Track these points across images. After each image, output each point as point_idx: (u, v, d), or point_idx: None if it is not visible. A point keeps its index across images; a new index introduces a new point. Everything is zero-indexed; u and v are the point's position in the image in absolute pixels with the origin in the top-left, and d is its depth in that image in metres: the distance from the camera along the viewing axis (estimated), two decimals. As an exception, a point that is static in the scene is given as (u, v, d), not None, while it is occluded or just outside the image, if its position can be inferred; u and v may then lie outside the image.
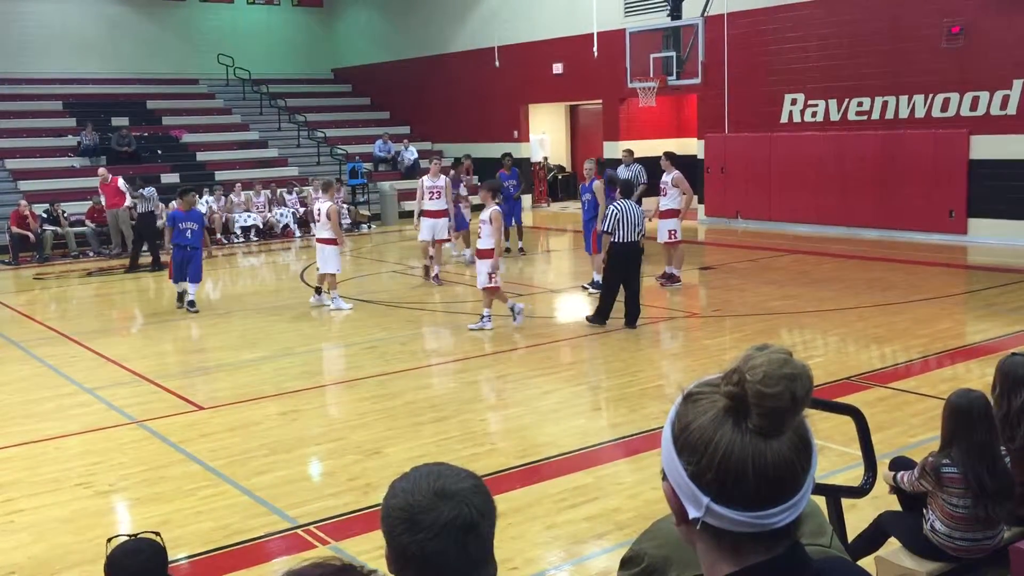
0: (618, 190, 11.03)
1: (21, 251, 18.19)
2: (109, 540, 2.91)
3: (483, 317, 10.58)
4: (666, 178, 13.06)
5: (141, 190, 17.20)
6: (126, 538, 2.67)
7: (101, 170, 18.40)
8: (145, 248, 16.87)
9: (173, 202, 19.75)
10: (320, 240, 12.14)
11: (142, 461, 6.80)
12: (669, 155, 13.47)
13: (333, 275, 12.12)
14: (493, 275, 10.37)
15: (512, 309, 10.74)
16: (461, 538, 1.54)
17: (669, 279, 12.98)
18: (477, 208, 16.19)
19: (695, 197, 12.96)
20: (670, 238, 12.98)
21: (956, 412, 3.95)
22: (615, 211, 10.31)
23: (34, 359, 10.13)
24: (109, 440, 7.30)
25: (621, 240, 10.28)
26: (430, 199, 14.03)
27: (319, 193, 12.60)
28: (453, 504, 1.55)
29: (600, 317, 10.57)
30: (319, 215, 12.09)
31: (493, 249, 10.36)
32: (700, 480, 1.25)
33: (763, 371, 1.23)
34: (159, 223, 19.39)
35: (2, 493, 6.26)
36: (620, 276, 10.42)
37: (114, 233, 18.63)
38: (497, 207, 10.48)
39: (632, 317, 10.49)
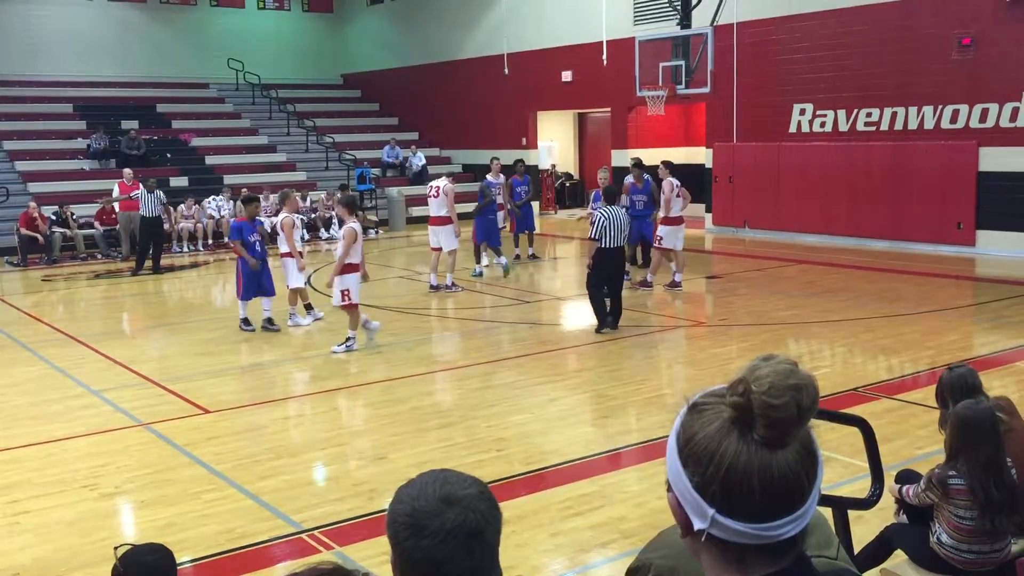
0: (602, 197, 11.20)
1: (30, 253, 18.26)
2: (116, 548, 2.92)
3: (348, 339, 10.17)
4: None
5: (138, 191, 17.09)
6: (130, 546, 2.72)
7: (127, 171, 18.42)
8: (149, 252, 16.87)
9: (185, 207, 19.86)
10: (283, 255, 11.45)
11: (148, 464, 6.81)
12: (666, 164, 13.88)
13: (298, 289, 11.54)
14: (346, 293, 10.00)
15: (366, 326, 10.29)
16: (466, 544, 1.54)
17: (671, 285, 13.24)
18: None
19: (669, 203, 13.20)
20: (654, 243, 13.41)
21: (963, 424, 3.93)
22: (602, 218, 10.57)
23: (42, 361, 10.16)
24: (115, 442, 7.31)
25: (607, 246, 10.57)
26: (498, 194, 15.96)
27: (278, 205, 11.70)
28: (459, 510, 1.55)
29: (602, 324, 10.78)
30: (281, 230, 11.36)
31: (356, 265, 10.05)
32: (705, 491, 1.25)
33: (769, 382, 1.23)
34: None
35: (8, 494, 6.28)
36: (604, 280, 10.74)
37: (125, 235, 18.68)
38: (354, 224, 10.09)
39: (615, 318, 10.81)
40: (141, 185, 18.09)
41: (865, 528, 4.56)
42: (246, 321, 11.22)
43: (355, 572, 1.41)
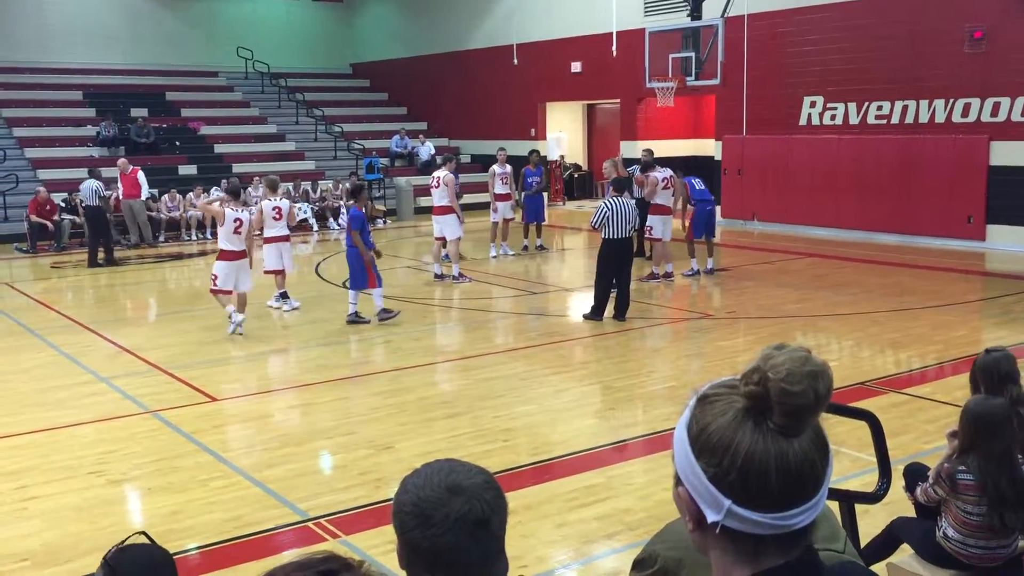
0: (611, 187, 11.23)
1: (39, 239, 18.30)
2: (123, 540, 2.69)
3: (229, 317, 10.55)
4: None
5: (91, 184, 16.47)
6: (135, 539, 2.52)
7: (121, 160, 18.52)
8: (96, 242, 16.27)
9: (194, 195, 19.88)
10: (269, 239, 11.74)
11: (155, 451, 6.83)
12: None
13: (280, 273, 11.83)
14: (214, 278, 10.48)
15: (230, 317, 10.53)
16: (472, 533, 1.54)
17: (649, 276, 13.36)
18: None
19: (654, 194, 13.41)
20: (646, 234, 13.56)
21: (976, 420, 3.90)
22: (604, 208, 10.59)
23: (50, 347, 10.19)
24: (123, 429, 7.34)
25: (612, 236, 10.58)
26: (502, 184, 16.08)
27: (260, 192, 12.08)
28: (464, 499, 1.54)
29: (596, 312, 10.84)
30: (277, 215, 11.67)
31: (229, 252, 10.42)
32: (721, 482, 1.23)
33: (786, 369, 1.22)
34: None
35: (16, 480, 6.31)
36: (612, 270, 10.74)
37: (129, 224, 18.74)
38: (227, 210, 10.44)
39: (622, 310, 10.83)
40: (140, 171, 18.12)
41: (871, 522, 4.55)
42: (358, 315, 10.89)
43: (351, 561, 1.39)
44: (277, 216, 11.72)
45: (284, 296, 11.91)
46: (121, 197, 18.54)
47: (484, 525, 1.54)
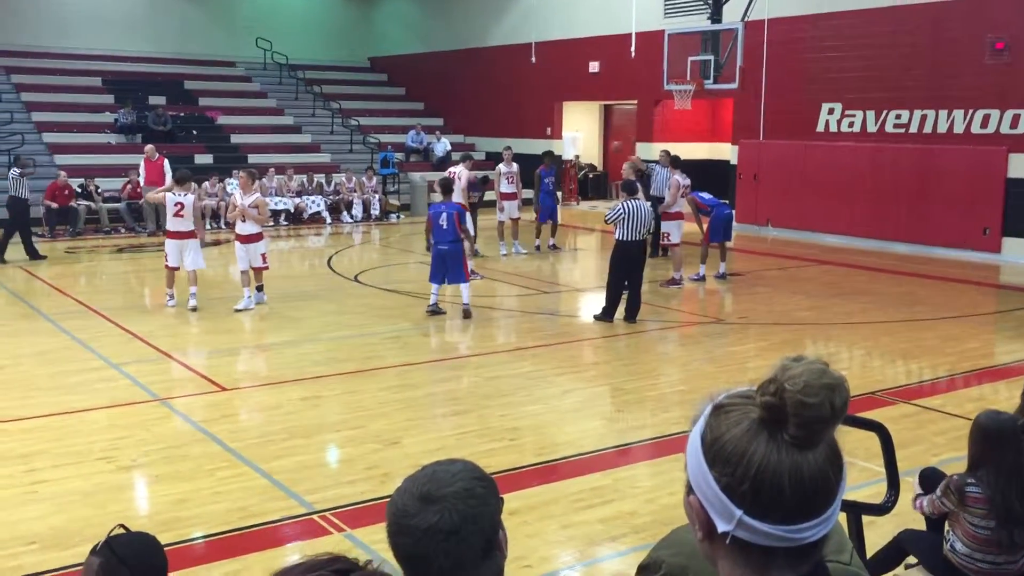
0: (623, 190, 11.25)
1: (57, 224, 18.37)
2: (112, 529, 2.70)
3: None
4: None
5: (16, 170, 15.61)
6: (122, 530, 2.57)
7: (149, 147, 18.55)
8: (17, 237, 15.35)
9: (209, 184, 19.93)
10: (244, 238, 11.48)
11: (164, 439, 6.86)
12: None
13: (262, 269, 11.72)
14: (166, 256, 11.55)
15: (170, 297, 11.50)
16: (442, 544, 1.54)
17: (669, 282, 13.29)
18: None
19: (675, 198, 13.43)
20: (662, 240, 13.61)
21: (985, 434, 3.89)
22: (621, 209, 10.62)
23: (63, 332, 10.25)
24: (133, 416, 7.38)
25: (626, 238, 10.61)
26: (508, 183, 16.17)
27: (238, 185, 12.06)
28: (436, 509, 1.55)
29: (607, 314, 10.85)
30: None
31: (167, 232, 11.61)
32: (733, 493, 1.23)
33: (804, 380, 1.22)
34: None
35: (27, 463, 6.35)
36: (623, 272, 10.75)
37: (150, 210, 18.78)
38: (170, 195, 11.42)
39: (632, 312, 10.85)
40: (166, 160, 18.15)
41: (877, 533, 4.53)
42: (437, 306, 11.15)
43: (358, 561, 1.39)
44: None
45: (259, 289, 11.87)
46: (143, 184, 18.57)
47: (454, 535, 1.54)
